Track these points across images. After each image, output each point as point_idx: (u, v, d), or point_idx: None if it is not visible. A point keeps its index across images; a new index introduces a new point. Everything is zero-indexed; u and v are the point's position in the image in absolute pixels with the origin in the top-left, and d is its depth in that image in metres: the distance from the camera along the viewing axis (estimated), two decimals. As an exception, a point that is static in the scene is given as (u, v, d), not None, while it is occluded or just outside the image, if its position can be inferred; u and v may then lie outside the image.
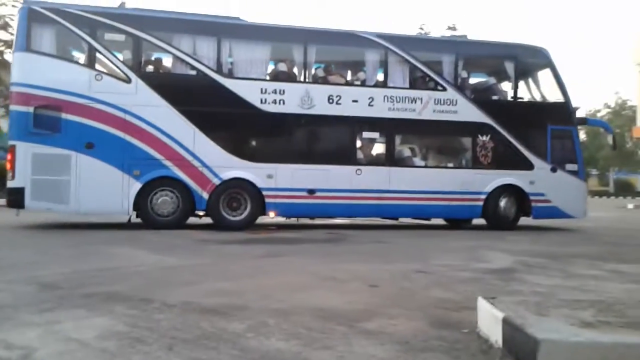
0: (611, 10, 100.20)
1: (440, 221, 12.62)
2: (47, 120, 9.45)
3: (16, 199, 9.40)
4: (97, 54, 9.97)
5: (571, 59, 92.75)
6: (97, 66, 9.98)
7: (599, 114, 62.18)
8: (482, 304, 3.34)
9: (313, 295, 4.37)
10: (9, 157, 9.54)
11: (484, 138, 11.49)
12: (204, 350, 2.83)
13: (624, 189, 49.01)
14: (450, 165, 12.10)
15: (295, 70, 11.09)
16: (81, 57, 10.43)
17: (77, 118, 9.58)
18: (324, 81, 11.13)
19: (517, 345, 2.73)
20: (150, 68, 10.57)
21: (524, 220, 11.97)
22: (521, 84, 12.29)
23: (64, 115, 9.54)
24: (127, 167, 9.76)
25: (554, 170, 11.78)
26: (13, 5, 21.06)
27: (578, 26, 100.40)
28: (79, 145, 9.54)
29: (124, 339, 3.00)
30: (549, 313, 3.07)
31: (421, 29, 38.52)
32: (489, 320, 3.14)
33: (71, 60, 10.49)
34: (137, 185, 9.80)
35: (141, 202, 9.87)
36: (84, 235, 9.12)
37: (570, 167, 11.97)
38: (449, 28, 38.35)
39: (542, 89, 12.37)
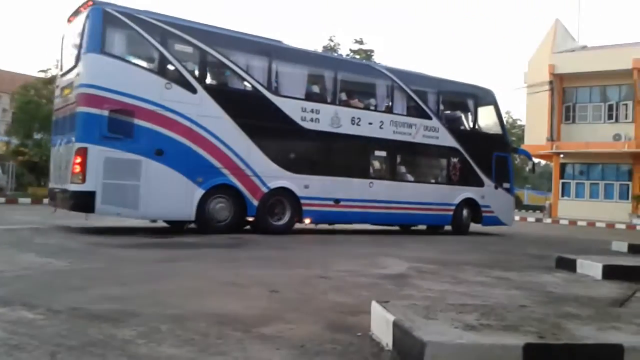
0: (505, 33, 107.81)
1: (342, 227, 12.98)
2: (119, 125, 9.39)
3: (86, 202, 9.20)
4: (168, 63, 10.18)
5: (466, 77, 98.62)
6: (167, 74, 10.14)
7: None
8: (376, 308, 3.45)
9: (210, 301, 4.29)
10: (78, 159, 9.14)
11: (454, 160, 14.11)
12: (90, 357, 2.71)
13: (512, 202, 52.37)
14: (433, 181, 14.26)
15: (326, 92, 12.36)
16: (152, 64, 10.25)
17: (148, 124, 9.64)
18: (347, 104, 12.47)
19: (406, 348, 2.85)
20: (212, 81, 11.11)
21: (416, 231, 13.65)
22: (476, 117, 14.96)
23: (136, 121, 9.54)
24: (192, 174, 10.07)
25: (495, 187, 14.76)
26: None
27: (474, 46, 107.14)
28: (150, 151, 9.62)
29: (1, 347, 2.79)
30: (436, 316, 3.23)
31: (331, 40, 39.33)
32: (381, 323, 3.25)
33: (143, 66, 10.22)
34: (200, 192, 10.16)
35: (200, 208, 10.14)
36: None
37: (505, 185, 15.09)
38: (357, 42, 39.46)
39: (489, 122, 15.24)
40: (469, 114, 14.96)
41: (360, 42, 39.25)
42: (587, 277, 6.84)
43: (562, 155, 29.14)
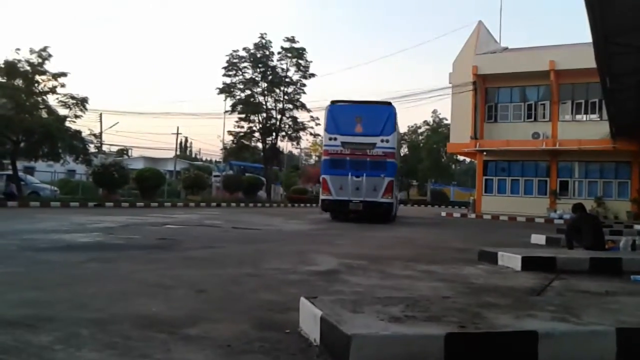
0: (434, 34, 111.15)
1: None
2: (395, 167, 19.01)
3: (391, 210, 18.98)
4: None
5: (397, 79, 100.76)
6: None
7: (419, 130, 68.42)
8: (304, 304, 3.46)
9: (135, 303, 4.16)
10: (389, 187, 18.07)
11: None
12: (1, 366, 2.56)
13: (439, 199, 54.18)
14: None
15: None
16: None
17: (389, 161, 18.54)
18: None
19: (333, 342, 2.88)
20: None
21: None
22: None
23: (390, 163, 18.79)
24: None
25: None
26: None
27: (405, 46, 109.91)
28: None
29: None
30: (363, 310, 3.28)
31: (262, 37, 39.20)
32: (310, 319, 3.27)
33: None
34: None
35: None
36: None
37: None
38: (288, 40, 39.55)
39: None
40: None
41: (292, 41, 39.37)
42: (507, 268, 7.16)
43: (485, 153, 30.33)
